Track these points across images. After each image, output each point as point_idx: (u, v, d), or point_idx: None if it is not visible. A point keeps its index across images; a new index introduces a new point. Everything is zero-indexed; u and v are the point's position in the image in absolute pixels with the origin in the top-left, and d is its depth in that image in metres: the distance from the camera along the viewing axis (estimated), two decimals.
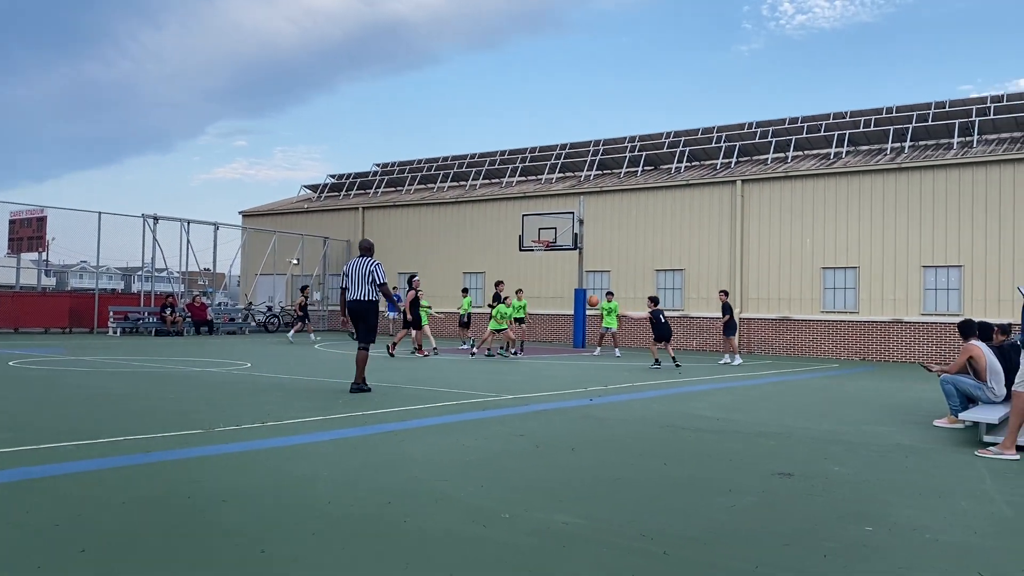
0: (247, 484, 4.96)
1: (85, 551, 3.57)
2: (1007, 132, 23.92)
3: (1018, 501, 5.04)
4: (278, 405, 8.77)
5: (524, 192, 29.24)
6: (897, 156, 23.45)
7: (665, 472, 5.68)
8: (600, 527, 4.18)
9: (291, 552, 3.64)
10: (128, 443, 6.25)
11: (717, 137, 29.56)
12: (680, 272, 25.67)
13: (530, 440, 6.87)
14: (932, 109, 26.45)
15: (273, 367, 14.07)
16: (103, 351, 17.61)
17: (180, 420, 7.47)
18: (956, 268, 21.50)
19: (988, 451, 6.70)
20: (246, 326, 30.19)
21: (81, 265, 61.57)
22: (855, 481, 5.52)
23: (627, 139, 32.70)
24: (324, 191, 37.44)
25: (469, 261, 30.19)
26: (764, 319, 24.05)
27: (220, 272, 37.67)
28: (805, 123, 28.58)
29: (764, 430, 7.83)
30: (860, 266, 22.77)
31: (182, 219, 29.35)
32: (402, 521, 4.20)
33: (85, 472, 5.20)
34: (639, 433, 7.46)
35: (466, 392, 10.55)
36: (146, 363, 14.43)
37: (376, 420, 7.87)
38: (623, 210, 26.95)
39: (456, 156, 37.06)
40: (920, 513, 4.65)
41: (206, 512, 4.29)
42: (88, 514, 4.18)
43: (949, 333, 21.35)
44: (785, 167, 24.70)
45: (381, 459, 5.88)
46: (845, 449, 6.84)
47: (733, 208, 24.76)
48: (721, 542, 3.97)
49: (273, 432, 6.95)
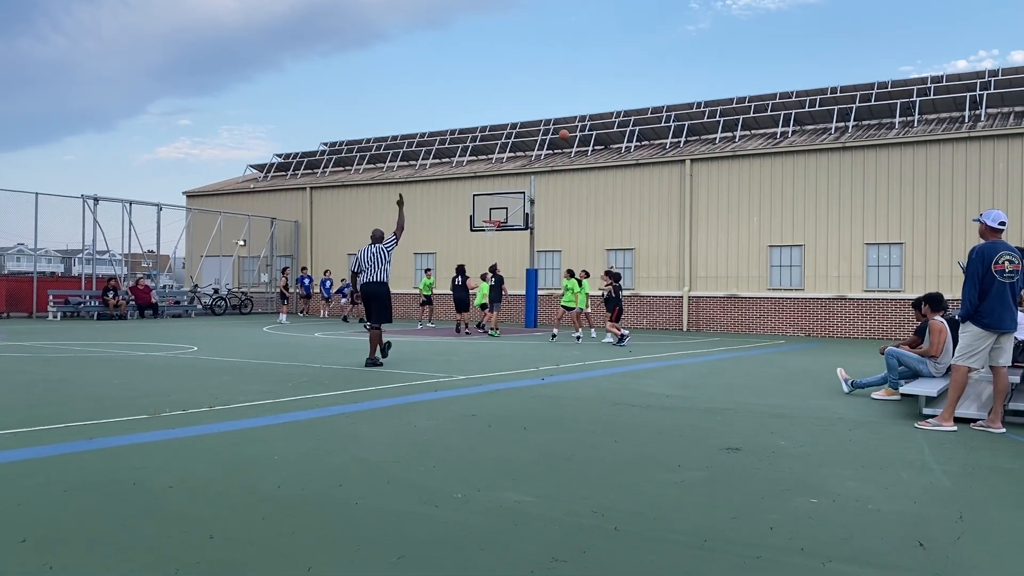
0: (195, 469, 4.88)
1: (26, 541, 3.48)
2: (946, 112, 24.50)
3: (955, 471, 5.21)
4: (226, 389, 8.63)
5: (475, 172, 29.11)
6: (841, 136, 23.90)
7: (616, 449, 5.74)
8: (552, 505, 4.21)
9: (241, 536, 3.59)
10: (70, 430, 6.10)
11: (666, 116, 29.76)
12: (631, 251, 25.86)
13: (482, 420, 6.88)
14: (875, 89, 26.98)
15: (220, 350, 13.85)
16: (43, 336, 17.13)
17: (124, 405, 7.31)
18: (897, 245, 22.04)
19: (927, 423, 6.90)
20: (192, 309, 29.64)
21: (18, 247, 59.71)
22: (800, 454, 5.64)
23: (577, 118, 32.72)
24: (270, 171, 36.79)
25: (421, 241, 30.00)
26: (712, 296, 24.39)
27: (164, 254, 36.83)
28: (752, 103, 28.91)
29: (712, 406, 7.96)
30: (805, 244, 23.20)
31: (124, 200, 28.60)
32: (353, 503, 4.18)
33: (24, 460, 5.06)
34: (590, 411, 7.52)
35: (418, 373, 10.52)
36: (88, 348, 14.08)
37: (326, 403, 7.80)
38: (574, 189, 27.02)
39: (405, 135, 36.70)
40: (862, 484, 4.77)
41: (152, 498, 4.21)
42: (28, 503, 4.07)
43: (890, 309, 21.92)
44: (733, 146, 24.99)
45: (332, 441, 5.84)
46: (790, 423, 6.99)
47: (682, 187, 24.99)
48: (671, 517, 4.03)
49: (221, 416, 6.84)
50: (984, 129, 21.53)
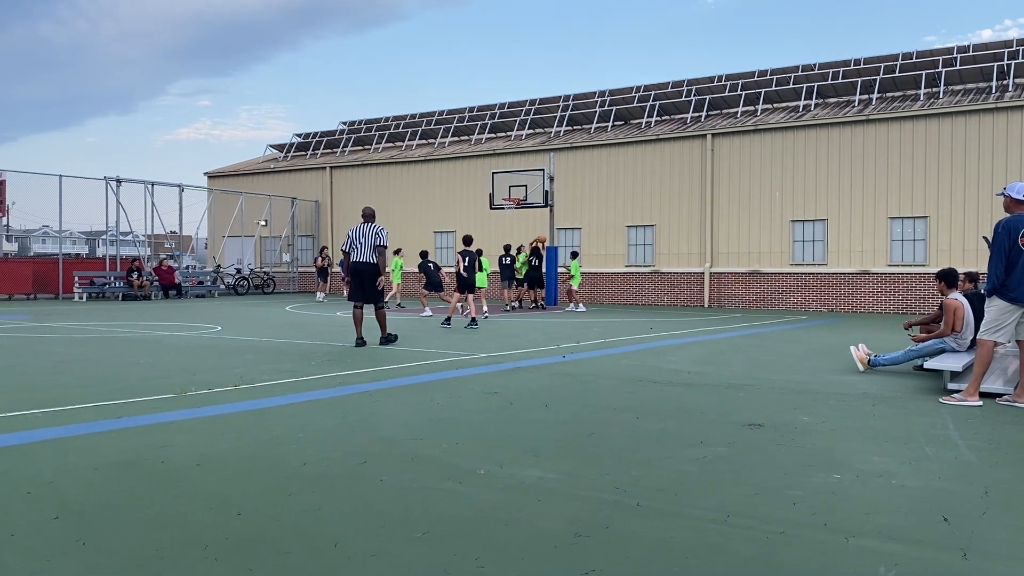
0: (221, 447, 4.95)
1: (59, 518, 3.55)
2: (972, 83, 24.08)
3: (980, 446, 5.18)
4: (250, 368, 8.72)
5: (494, 149, 29.02)
6: (865, 108, 23.56)
7: (638, 426, 5.75)
8: (574, 481, 4.23)
9: (268, 513, 3.64)
10: (98, 409, 6.19)
11: (687, 91, 29.47)
12: (651, 228, 25.73)
13: (504, 397, 6.91)
14: (899, 60, 26.55)
15: (244, 330, 13.98)
16: (69, 317, 17.36)
17: (151, 385, 7.41)
18: (922, 219, 21.78)
19: (952, 398, 6.85)
20: (215, 289, 29.90)
21: (43, 230, 60.41)
22: (823, 430, 5.63)
23: (597, 94, 32.48)
24: (290, 151, 36.88)
25: (439, 220, 30.03)
26: (734, 272, 24.25)
27: (187, 235, 37.18)
28: (774, 76, 28.55)
29: (734, 382, 7.94)
30: (828, 218, 22.98)
31: (146, 181, 28.79)
32: (378, 480, 4.22)
33: (55, 440, 5.15)
34: (611, 388, 7.53)
35: (439, 351, 10.57)
36: (114, 328, 14.26)
37: (349, 381, 7.86)
38: (593, 166, 26.88)
39: (424, 113, 36.63)
40: (886, 460, 4.75)
41: (180, 476, 4.28)
42: (60, 481, 4.15)
43: (915, 283, 21.70)
44: (754, 120, 24.72)
45: (355, 420, 5.89)
46: (813, 399, 6.96)
47: (703, 162, 24.79)
48: (693, 493, 4.03)
49: (246, 395, 6.92)
50: (1011, 100, 21.14)
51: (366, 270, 11.25)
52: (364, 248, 11.23)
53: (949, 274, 8.68)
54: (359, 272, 11.27)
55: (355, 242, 11.27)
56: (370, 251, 11.23)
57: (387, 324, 11.65)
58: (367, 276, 11.26)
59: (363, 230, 11.31)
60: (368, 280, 11.26)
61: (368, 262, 11.23)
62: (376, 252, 11.23)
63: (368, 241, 11.22)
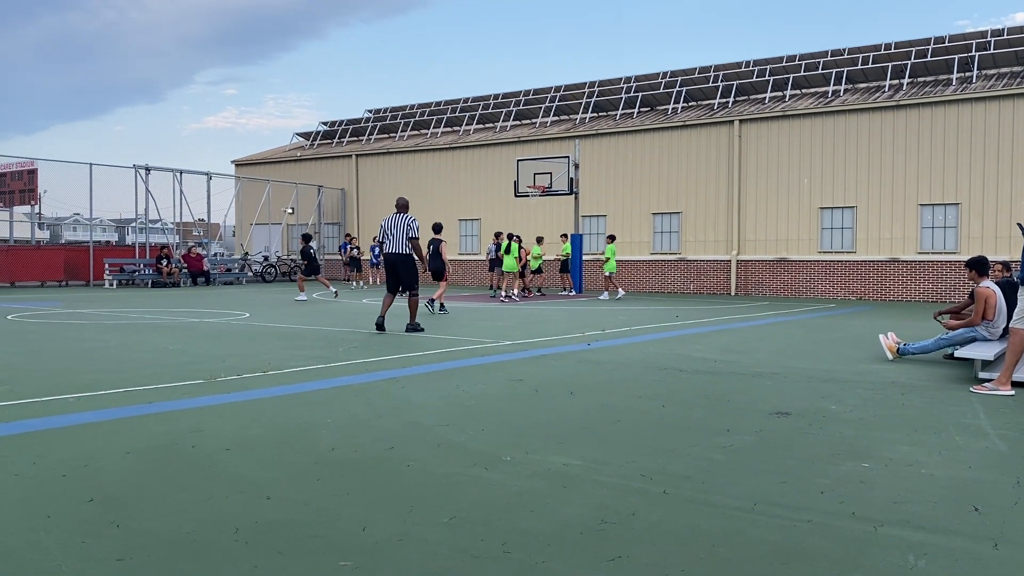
0: (251, 432, 5.01)
1: (93, 500, 3.62)
2: (1007, 67, 23.63)
3: (1012, 436, 5.11)
4: (279, 354, 8.81)
5: (519, 136, 28.96)
6: (895, 93, 23.20)
7: (664, 413, 5.74)
8: (600, 468, 4.24)
9: (297, 497, 3.69)
10: (130, 394, 6.29)
11: (714, 76, 29.18)
12: (677, 215, 25.58)
13: (529, 384, 6.93)
14: (931, 45, 26.08)
15: (272, 317, 14.11)
16: (100, 303, 17.62)
17: (181, 371, 7.51)
18: (953, 206, 21.45)
19: (983, 387, 6.76)
20: (243, 276, 30.19)
21: (74, 218, 61.23)
22: (851, 418, 5.58)
23: (622, 80, 32.27)
24: (317, 139, 37.05)
25: (465, 207, 30.06)
26: (761, 260, 24.06)
27: (215, 222, 37.49)
28: (803, 61, 28.20)
29: (761, 370, 7.90)
30: (858, 205, 22.71)
31: (174, 169, 29.09)
32: (405, 466, 4.26)
33: (88, 424, 5.25)
34: (637, 376, 7.52)
35: (465, 339, 10.61)
36: (144, 315, 14.45)
37: (376, 367, 7.91)
38: (619, 153, 26.74)
39: (449, 100, 36.60)
40: (915, 449, 4.71)
41: (211, 460, 4.34)
42: (94, 464, 4.23)
43: (946, 271, 21.41)
44: (783, 106, 24.45)
45: (382, 405, 5.93)
46: (841, 387, 6.90)
47: (731, 149, 24.58)
48: (720, 481, 4.03)
49: (275, 381, 6.99)
50: None
51: (399, 260, 11.38)
52: (396, 239, 11.36)
53: (980, 262, 8.55)
54: (392, 263, 11.44)
55: (388, 232, 11.44)
56: (402, 242, 11.34)
57: (416, 326, 11.34)
58: (400, 266, 11.39)
59: (395, 220, 11.43)
60: (401, 268, 11.38)
61: (400, 253, 11.35)
62: (408, 244, 11.34)
63: (400, 231, 11.35)
